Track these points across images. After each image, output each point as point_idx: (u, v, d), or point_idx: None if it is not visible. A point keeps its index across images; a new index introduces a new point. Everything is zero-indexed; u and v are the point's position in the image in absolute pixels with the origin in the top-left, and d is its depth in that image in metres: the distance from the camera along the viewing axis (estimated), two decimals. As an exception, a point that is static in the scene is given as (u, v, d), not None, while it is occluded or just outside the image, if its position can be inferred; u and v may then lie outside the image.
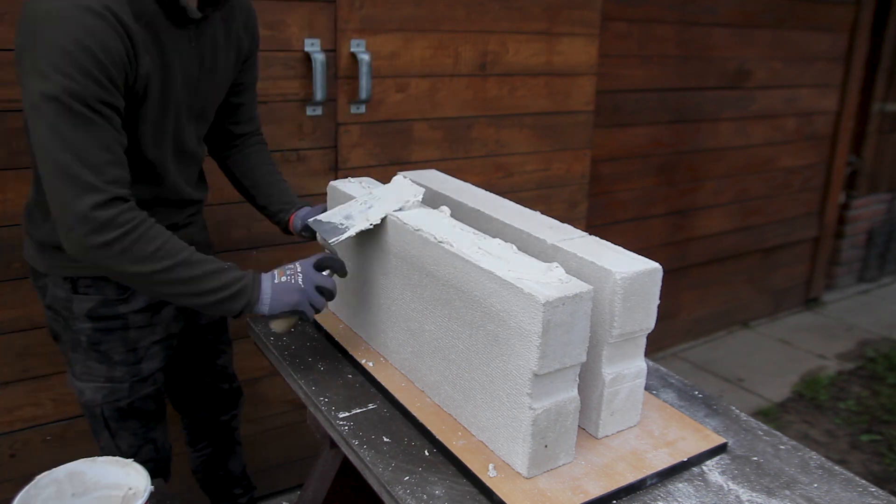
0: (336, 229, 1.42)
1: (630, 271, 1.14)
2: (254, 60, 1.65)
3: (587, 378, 1.20)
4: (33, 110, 1.24)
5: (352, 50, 2.23)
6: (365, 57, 2.21)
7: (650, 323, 1.21)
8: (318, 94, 2.16)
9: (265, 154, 1.75)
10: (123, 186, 1.25)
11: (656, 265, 1.18)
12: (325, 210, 1.59)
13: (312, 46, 2.16)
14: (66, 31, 1.18)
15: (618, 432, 1.25)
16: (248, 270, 1.34)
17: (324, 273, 1.39)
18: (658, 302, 1.21)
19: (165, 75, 1.37)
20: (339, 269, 1.41)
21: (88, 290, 1.48)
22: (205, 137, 1.65)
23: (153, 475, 1.63)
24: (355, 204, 1.45)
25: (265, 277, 1.34)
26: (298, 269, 1.36)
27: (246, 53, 1.60)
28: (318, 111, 2.24)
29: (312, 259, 1.39)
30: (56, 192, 1.22)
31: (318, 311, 1.37)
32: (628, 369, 1.22)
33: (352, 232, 1.39)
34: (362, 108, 2.30)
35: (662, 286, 1.20)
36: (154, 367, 1.59)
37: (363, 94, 2.23)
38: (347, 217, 1.43)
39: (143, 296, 1.52)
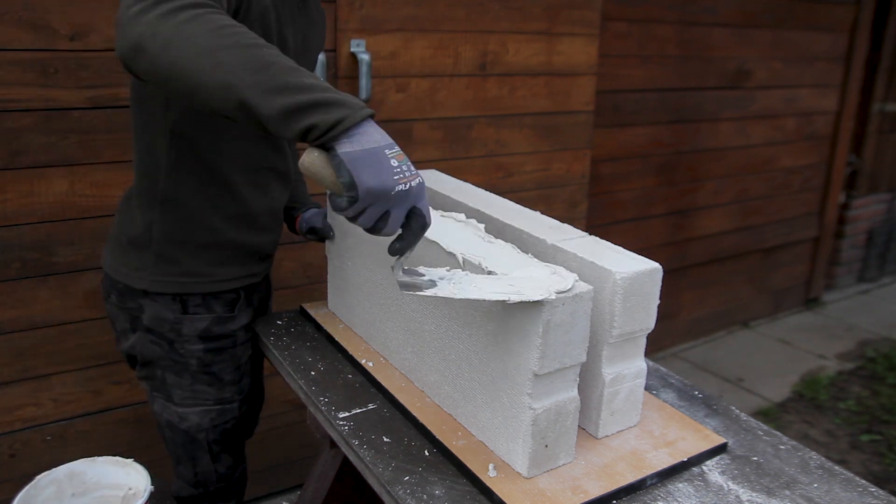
0: (416, 284, 1.05)
1: (630, 271, 1.14)
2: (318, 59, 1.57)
3: (587, 378, 1.20)
4: None
5: (352, 50, 2.23)
6: (365, 57, 2.21)
7: (650, 323, 1.21)
8: None
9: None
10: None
11: (656, 265, 1.18)
12: (325, 215, 1.57)
13: (312, 46, 2.16)
14: None
15: (618, 432, 1.25)
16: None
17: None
18: (658, 302, 1.21)
19: (280, 36, 1.28)
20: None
21: (198, 310, 1.39)
22: None
23: (239, 492, 1.62)
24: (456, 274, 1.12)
25: (382, 135, 0.96)
26: (417, 179, 0.97)
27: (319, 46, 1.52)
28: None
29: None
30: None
31: (374, 228, 0.99)
32: (628, 369, 1.22)
33: (427, 292, 1.04)
34: None
35: (662, 286, 1.20)
36: (249, 383, 1.55)
37: (363, 94, 2.24)
38: (440, 278, 1.08)
39: (247, 310, 1.47)
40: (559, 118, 2.79)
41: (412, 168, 0.96)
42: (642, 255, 1.21)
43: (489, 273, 1.11)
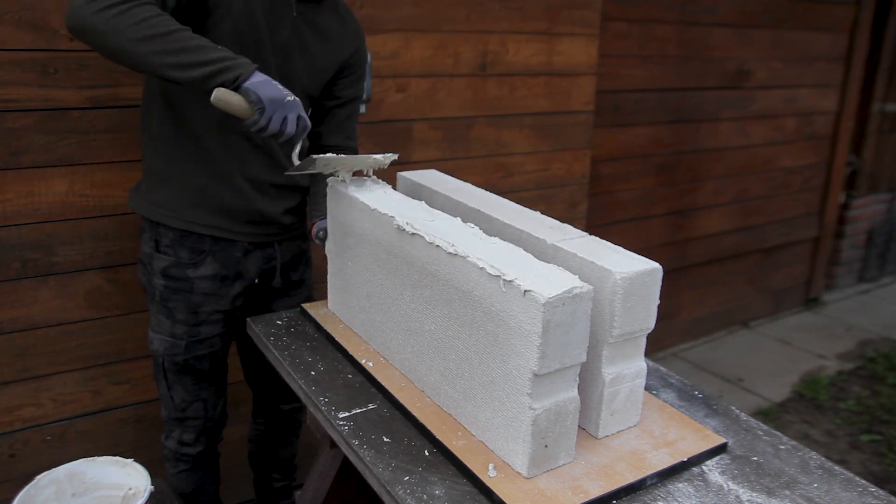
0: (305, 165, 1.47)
1: (630, 271, 1.14)
2: (355, 78, 1.76)
3: (587, 378, 1.20)
4: None
5: (352, 50, 2.23)
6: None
7: (650, 323, 1.21)
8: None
9: None
10: None
11: (656, 265, 1.18)
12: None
13: (312, 46, 2.16)
14: None
15: (618, 432, 1.26)
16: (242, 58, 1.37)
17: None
18: (658, 302, 1.21)
19: (254, 7, 1.50)
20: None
21: (167, 251, 1.64)
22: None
23: (201, 435, 1.80)
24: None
25: (261, 74, 1.38)
26: (297, 101, 1.40)
27: (344, 63, 1.71)
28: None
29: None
30: None
31: (279, 132, 1.39)
32: (628, 369, 1.22)
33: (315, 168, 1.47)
34: (362, 108, 2.30)
35: (662, 286, 1.20)
36: (212, 332, 1.71)
37: (363, 94, 2.23)
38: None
39: (213, 264, 1.65)
40: (559, 118, 2.79)
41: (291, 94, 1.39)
42: (642, 255, 1.21)
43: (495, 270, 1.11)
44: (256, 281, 1.75)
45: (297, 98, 1.39)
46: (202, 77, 1.33)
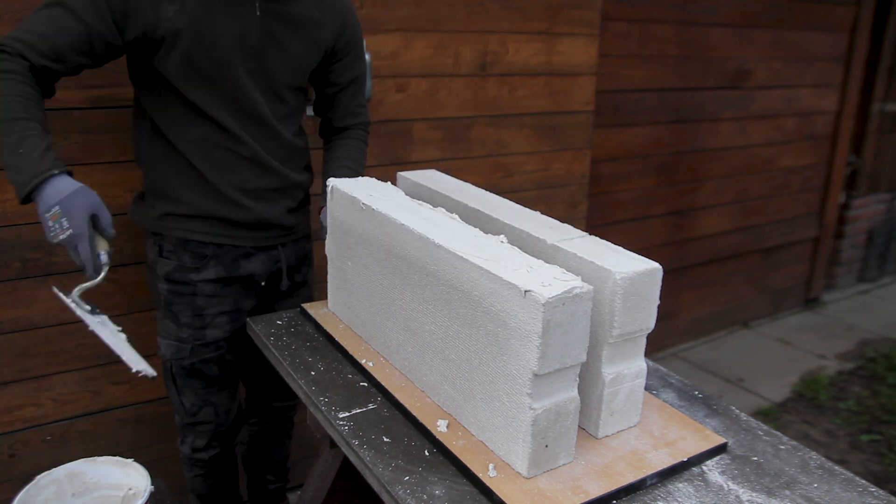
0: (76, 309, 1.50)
1: (630, 271, 1.14)
2: (349, 60, 1.74)
3: (587, 378, 1.20)
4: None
5: (352, 50, 2.23)
6: (365, 57, 2.20)
7: (650, 323, 1.21)
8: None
9: (351, 149, 1.82)
10: (28, 49, 1.37)
11: (656, 265, 1.18)
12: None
13: (312, 46, 2.16)
14: None
15: (618, 432, 1.26)
16: (56, 169, 1.36)
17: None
18: (658, 302, 1.21)
19: (205, 27, 1.48)
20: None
21: (169, 255, 1.64)
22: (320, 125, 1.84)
23: (213, 440, 1.80)
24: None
25: (63, 186, 1.36)
26: (67, 234, 1.37)
27: (332, 49, 1.69)
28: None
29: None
30: None
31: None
32: (628, 369, 1.22)
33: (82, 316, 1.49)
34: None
35: (662, 286, 1.20)
36: (218, 335, 1.70)
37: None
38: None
39: (216, 267, 1.65)
40: (559, 118, 2.79)
41: (65, 223, 1.35)
42: (642, 255, 1.21)
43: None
44: (263, 284, 1.75)
45: (64, 237, 1.36)
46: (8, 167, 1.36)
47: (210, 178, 1.60)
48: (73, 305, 1.47)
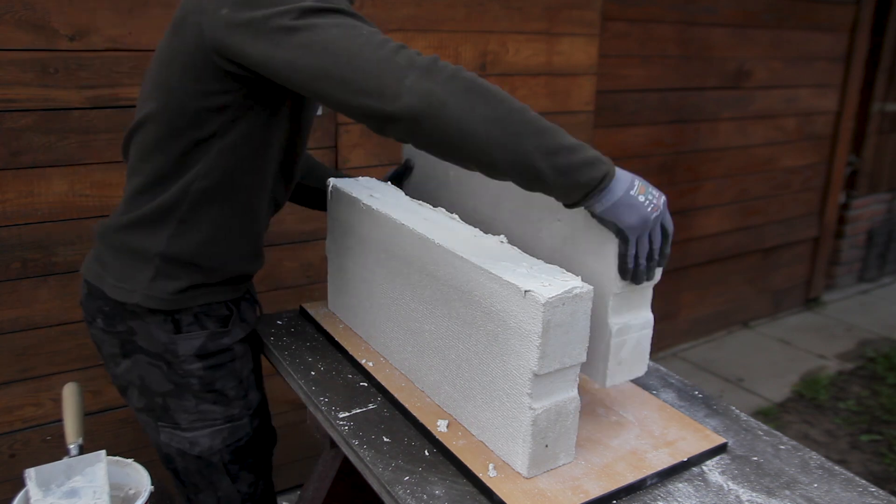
0: None
1: None
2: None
3: (594, 328, 1.19)
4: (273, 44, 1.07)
5: (352, 50, 2.23)
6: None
7: (656, 276, 1.21)
8: None
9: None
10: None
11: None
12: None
13: (312, 46, 2.16)
14: None
15: (618, 432, 1.25)
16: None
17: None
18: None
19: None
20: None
21: (191, 328, 1.34)
22: None
23: None
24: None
25: (619, 172, 1.10)
26: (662, 202, 1.13)
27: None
28: (318, 111, 2.24)
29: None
30: (357, 62, 1.02)
31: (634, 259, 1.12)
32: (635, 320, 1.23)
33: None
34: None
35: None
36: (258, 397, 1.49)
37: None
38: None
39: (241, 324, 1.42)
40: (559, 118, 2.79)
41: (654, 192, 1.13)
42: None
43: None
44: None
45: (663, 202, 1.13)
46: (565, 168, 1.04)
47: (256, 231, 1.38)
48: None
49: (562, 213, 1.22)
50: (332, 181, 1.56)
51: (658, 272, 1.18)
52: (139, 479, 1.48)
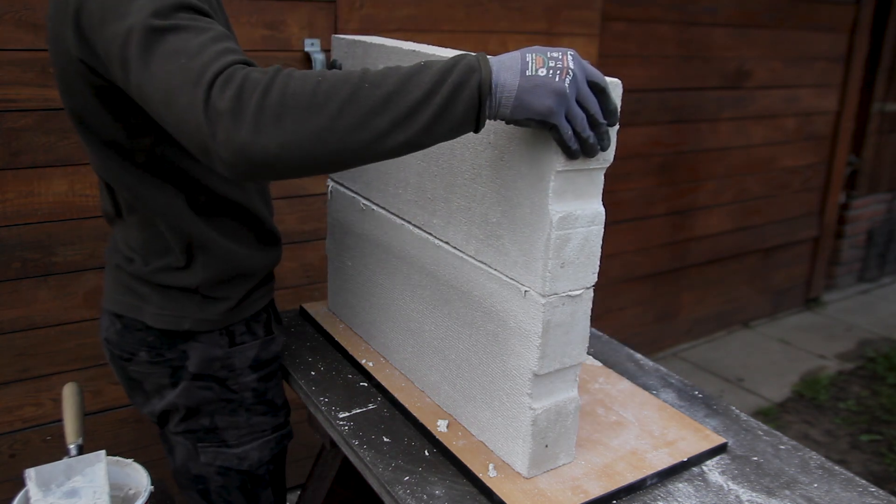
0: None
1: None
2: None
3: (529, 219, 1.02)
4: (132, 62, 0.92)
5: (352, 50, 2.22)
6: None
7: (608, 154, 1.05)
8: None
9: None
10: (239, 55, 0.90)
11: (616, 80, 1.01)
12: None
13: (312, 47, 2.16)
14: None
15: (614, 428, 1.25)
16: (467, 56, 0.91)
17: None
18: (618, 128, 1.03)
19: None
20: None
21: (244, 338, 1.28)
22: None
23: None
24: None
25: (504, 59, 0.91)
26: (570, 60, 0.90)
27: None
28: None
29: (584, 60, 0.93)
30: (175, 107, 0.88)
31: (576, 135, 0.94)
32: (582, 210, 1.02)
33: None
34: None
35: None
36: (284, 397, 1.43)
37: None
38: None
39: (279, 327, 1.37)
40: (559, 118, 2.78)
41: (554, 54, 0.91)
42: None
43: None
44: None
45: (572, 63, 0.91)
46: (438, 116, 0.87)
47: (265, 219, 1.31)
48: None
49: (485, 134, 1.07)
50: (331, 181, 1.57)
51: (613, 135, 1.00)
52: (139, 479, 1.48)
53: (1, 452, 1.98)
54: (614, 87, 0.99)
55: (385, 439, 1.22)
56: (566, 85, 0.89)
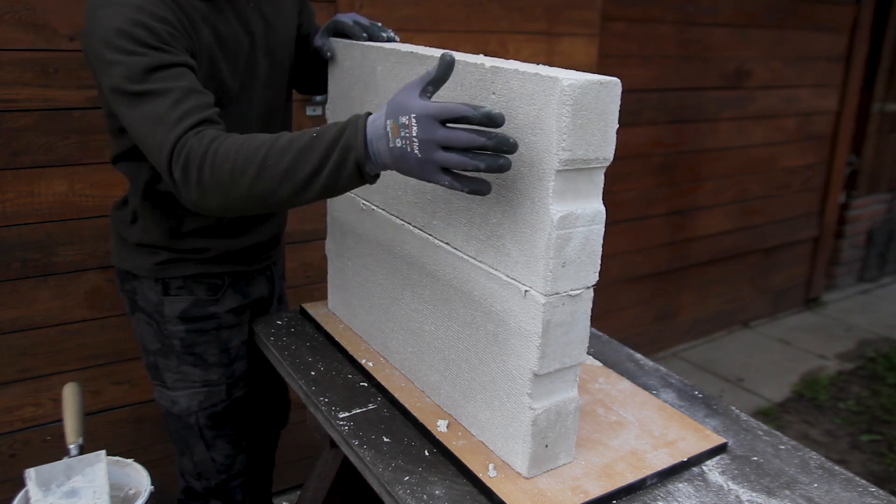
0: None
1: (580, 80, 0.95)
2: (306, 6, 1.61)
3: (530, 219, 1.02)
4: (112, 100, 1.20)
5: (352, 50, 2.22)
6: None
7: (608, 152, 1.04)
8: (318, 95, 2.16)
9: None
10: (200, 111, 1.15)
11: (615, 79, 0.99)
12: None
13: (312, 46, 2.16)
14: (117, 13, 1.16)
15: (617, 430, 1.25)
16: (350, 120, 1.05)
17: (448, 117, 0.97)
18: (617, 126, 1.03)
19: (229, 44, 1.34)
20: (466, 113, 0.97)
21: (180, 292, 1.47)
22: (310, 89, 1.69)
23: (248, 488, 1.62)
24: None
25: (377, 126, 1.02)
26: (413, 129, 0.97)
27: (299, 8, 1.56)
28: (319, 111, 2.24)
29: (431, 106, 0.97)
30: (152, 158, 1.19)
31: (454, 168, 0.98)
32: (582, 209, 1.02)
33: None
34: None
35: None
36: (243, 368, 1.58)
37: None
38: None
39: (234, 296, 1.53)
40: (559, 118, 2.78)
41: (405, 120, 0.98)
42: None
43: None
44: (269, 307, 1.67)
45: (417, 133, 0.97)
46: (327, 185, 1.05)
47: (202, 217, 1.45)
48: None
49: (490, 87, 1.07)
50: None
51: (510, 145, 0.96)
52: (139, 479, 1.48)
53: (1, 452, 1.98)
54: (612, 85, 0.99)
55: (385, 439, 1.22)
56: (417, 153, 0.98)
